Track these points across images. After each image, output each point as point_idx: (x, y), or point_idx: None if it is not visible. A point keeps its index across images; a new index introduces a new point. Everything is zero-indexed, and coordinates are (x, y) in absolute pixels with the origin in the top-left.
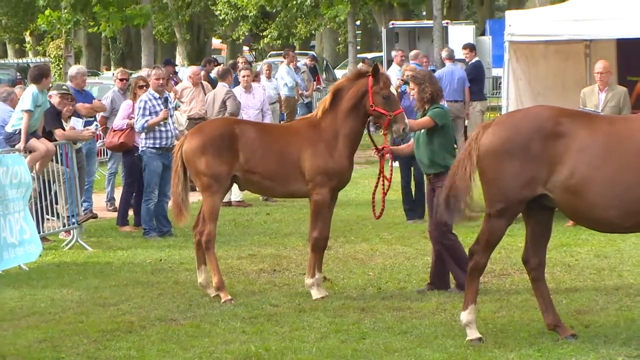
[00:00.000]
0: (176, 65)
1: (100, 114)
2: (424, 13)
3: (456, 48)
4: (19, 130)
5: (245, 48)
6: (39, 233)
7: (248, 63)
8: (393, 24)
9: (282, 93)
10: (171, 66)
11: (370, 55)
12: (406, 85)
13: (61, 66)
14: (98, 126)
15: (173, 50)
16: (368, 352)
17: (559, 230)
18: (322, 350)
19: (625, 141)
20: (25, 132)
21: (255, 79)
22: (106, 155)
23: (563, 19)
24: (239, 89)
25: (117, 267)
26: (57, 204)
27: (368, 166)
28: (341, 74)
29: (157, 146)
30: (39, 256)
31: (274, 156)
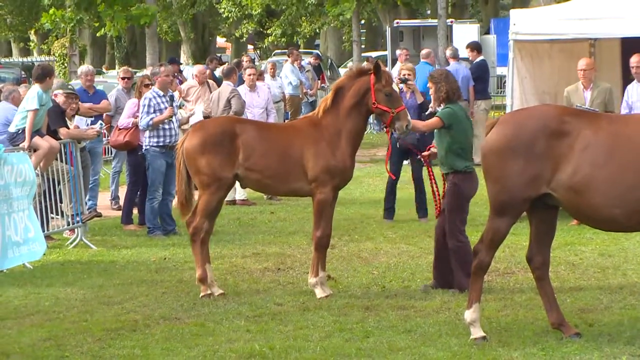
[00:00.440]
0: (181, 64)
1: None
2: (429, 12)
3: (461, 47)
4: (22, 129)
5: (249, 47)
6: (44, 231)
7: (252, 62)
8: (398, 23)
9: (287, 92)
10: (176, 65)
11: (374, 54)
12: (403, 84)
13: (66, 65)
14: (103, 125)
15: (178, 49)
16: (372, 351)
17: (563, 229)
18: (326, 349)
19: (629, 140)
20: (29, 131)
21: (259, 78)
22: (110, 153)
23: (567, 18)
24: (244, 88)
25: (122, 266)
26: (62, 203)
27: (372, 165)
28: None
29: (161, 144)
30: (43, 255)
31: (275, 155)
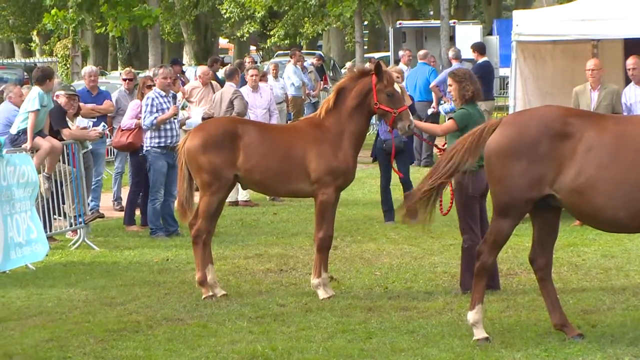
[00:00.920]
0: (183, 64)
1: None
2: (432, 13)
3: (463, 48)
4: (23, 131)
5: (252, 47)
6: (46, 233)
7: (254, 62)
8: (400, 24)
9: (289, 93)
10: (178, 66)
11: (377, 55)
12: None
13: (68, 66)
14: (105, 126)
15: (180, 50)
16: (375, 352)
17: (566, 230)
18: (329, 350)
19: (633, 141)
20: (31, 132)
21: (262, 79)
22: (113, 154)
23: (570, 19)
24: (246, 89)
25: (124, 267)
26: (64, 204)
27: (374, 166)
28: None
29: (162, 145)
30: (46, 256)
31: (277, 156)
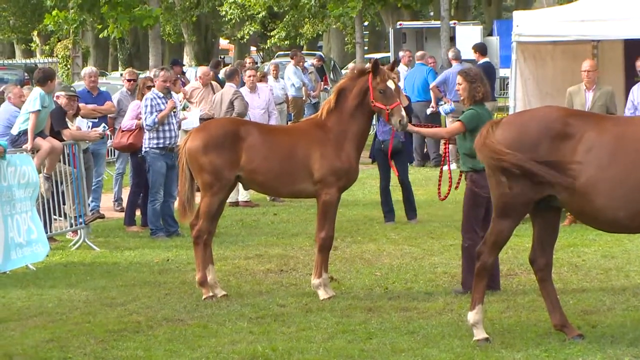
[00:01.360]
0: (184, 65)
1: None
2: (432, 13)
3: (464, 48)
4: (24, 132)
5: (252, 48)
6: (47, 233)
7: (254, 63)
8: (401, 25)
9: (289, 93)
10: (179, 67)
11: (377, 55)
12: None
13: (69, 67)
14: (106, 127)
15: (180, 50)
16: (375, 352)
17: (566, 230)
18: (329, 350)
19: (633, 142)
20: (32, 132)
21: (262, 79)
22: (114, 155)
23: (570, 20)
24: (245, 89)
25: (124, 267)
26: (65, 204)
27: (374, 167)
28: None
29: (161, 146)
30: (46, 256)
31: (279, 157)
